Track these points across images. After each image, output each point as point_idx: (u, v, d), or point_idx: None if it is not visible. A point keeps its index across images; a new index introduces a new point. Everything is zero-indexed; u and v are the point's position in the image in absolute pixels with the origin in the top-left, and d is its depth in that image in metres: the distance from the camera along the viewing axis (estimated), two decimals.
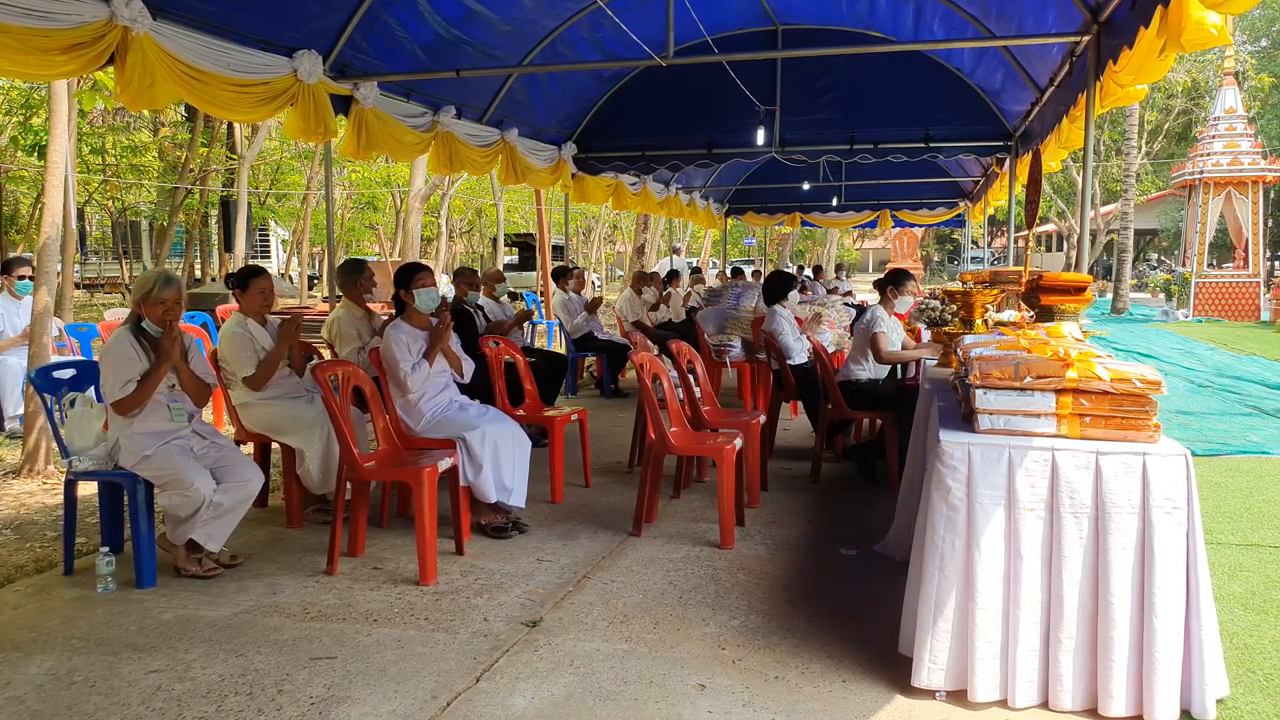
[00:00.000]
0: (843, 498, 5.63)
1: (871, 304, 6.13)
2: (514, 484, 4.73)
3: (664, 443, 4.71)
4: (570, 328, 9.75)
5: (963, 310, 4.76)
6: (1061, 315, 4.46)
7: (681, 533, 4.82)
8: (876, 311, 6.03)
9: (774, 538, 4.76)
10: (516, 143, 8.75)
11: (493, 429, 4.70)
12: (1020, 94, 7.77)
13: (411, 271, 4.97)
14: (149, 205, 23.30)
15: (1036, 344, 3.49)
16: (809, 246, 45.61)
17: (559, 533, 4.83)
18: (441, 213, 19.96)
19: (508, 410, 5.63)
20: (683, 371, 5.52)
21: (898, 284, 6.14)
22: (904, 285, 6.14)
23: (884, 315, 5.99)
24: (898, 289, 6.13)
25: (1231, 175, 20.16)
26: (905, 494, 4.48)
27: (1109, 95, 4.78)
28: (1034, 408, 3.03)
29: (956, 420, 3.33)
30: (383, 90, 6.70)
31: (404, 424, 4.80)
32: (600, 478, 6.02)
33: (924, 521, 3.11)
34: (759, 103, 9.15)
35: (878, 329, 5.88)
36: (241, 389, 4.90)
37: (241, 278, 5.01)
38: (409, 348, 4.80)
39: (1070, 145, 6.14)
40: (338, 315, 5.88)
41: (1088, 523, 2.90)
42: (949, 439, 3.04)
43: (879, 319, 5.96)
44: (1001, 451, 2.97)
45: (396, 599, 3.88)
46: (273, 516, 5.09)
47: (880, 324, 5.93)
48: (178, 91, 4.73)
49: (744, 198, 16.96)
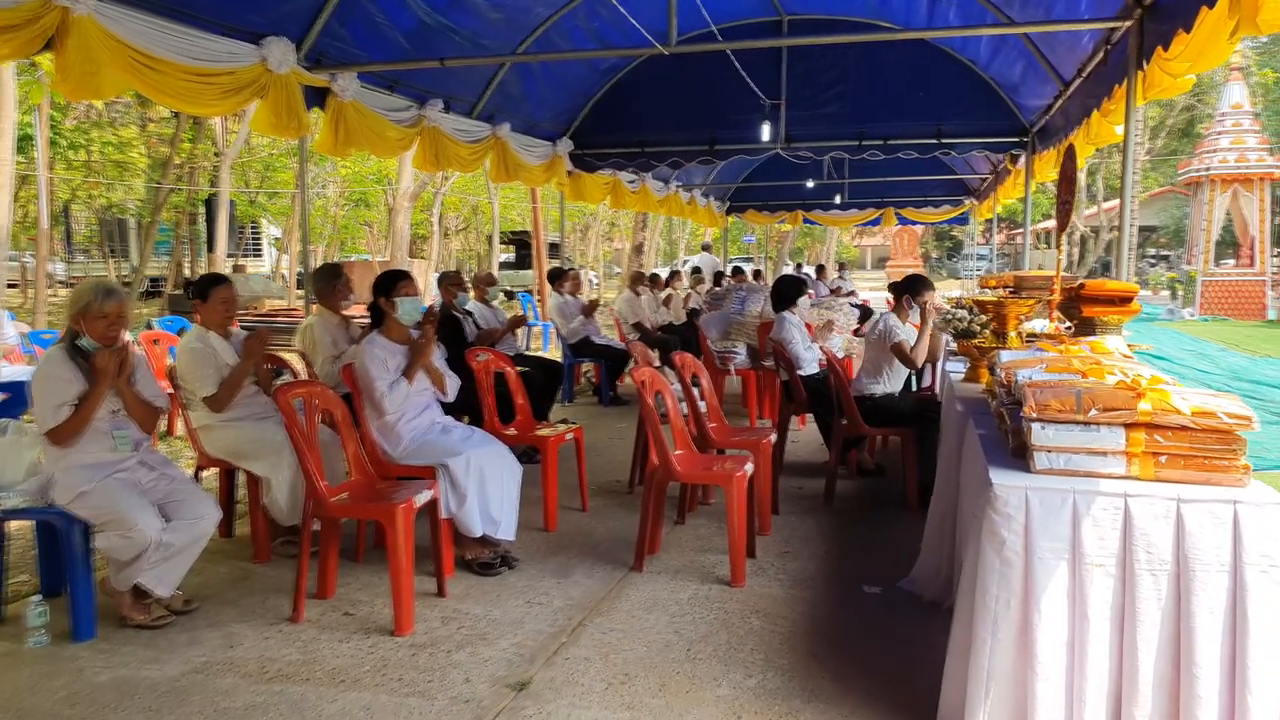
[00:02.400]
0: (860, 521, 5.20)
1: (883, 312, 5.69)
2: (502, 515, 4.30)
3: (668, 469, 4.28)
4: (566, 332, 9.31)
5: (994, 321, 4.33)
6: (1104, 328, 4.05)
7: (688, 566, 4.39)
8: (889, 320, 5.59)
9: (789, 572, 4.33)
10: (508, 138, 8.31)
11: (478, 454, 4.26)
12: (1041, 87, 7.34)
13: (393, 279, 4.53)
14: (136, 203, 22.81)
15: (1090, 365, 3.08)
16: (808, 244, 45.19)
17: (553, 568, 4.39)
18: (434, 210, 19.48)
19: (497, 429, 5.20)
20: (686, 385, 5.08)
21: (915, 292, 5.70)
22: (922, 294, 5.69)
23: (897, 324, 5.56)
24: (915, 297, 5.69)
25: (1238, 172, 19.72)
26: (934, 526, 4.05)
27: (1154, 85, 4.35)
28: (1100, 445, 2.60)
29: (1004, 455, 2.90)
30: (363, 82, 6.26)
31: (380, 449, 4.36)
32: (598, 499, 5.58)
33: (972, 575, 2.68)
34: (764, 96, 8.72)
35: (898, 337, 5.44)
36: (202, 410, 4.47)
37: (201, 286, 4.57)
38: (386, 364, 4.37)
39: (1100, 140, 5.72)
40: (311, 323, 5.46)
41: (1167, 581, 2.47)
42: (1002, 481, 2.60)
43: (895, 328, 5.52)
44: (1065, 497, 2.54)
45: (368, 653, 3.44)
46: (238, 549, 4.66)
47: (898, 333, 5.50)
48: (126, 80, 4.29)
49: (745, 195, 16.54)
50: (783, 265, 27.87)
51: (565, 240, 13.08)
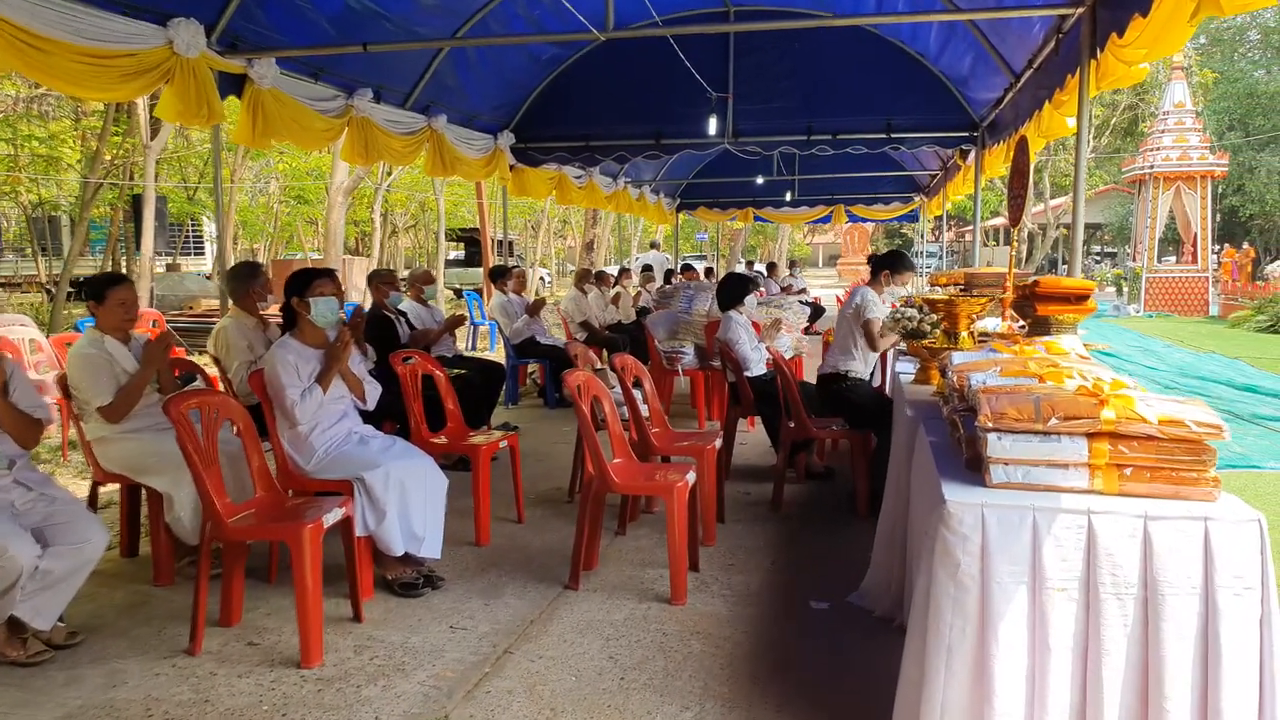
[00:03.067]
0: (808, 529, 4.98)
1: (860, 287, 5.46)
2: (426, 531, 3.99)
3: (605, 480, 4.01)
4: (510, 332, 8.99)
5: (946, 320, 4.13)
6: (1059, 327, 3.87)
7: (626, 583, 4.13)
8: (866, 294, 5.33)
9: (733, 587, 4.09)
10: (445, 130, 7.96)
11: (399, 466, 3.95)
12: (991, 80, 7.19)
13: (307, 277, 4.20)
14: (70, 200, 21.92)
15: (1047, 368, 2.87)
16: (760, 242, 45.19)
17: (481, 587, 4.10)
18: (375, 207, 18.96)
19: (425, 438, 4.89)
20: (627, 390, 4.82)
21: (895, 268, 5.46)
22: (901, 272, 5.46)
23: (875, 299, 5.30)
24: (894, 274, 5.46)
25: (1181, 170, 20.00)
26: (884, 537, 3.83)
27: (1109, 74, 4.18)
28: (1061, 457, 2.38)
29: (958, 466, 2.67)
30: (284, 69, 5.89)
31: (292, 461, 4.03)
32: (536, 509, 5.30)
33: (924, 600, 2.45)
34: (711, 90, 8.49)
35: (870, 314, 5.19)
36: (97, 421, 4.10)
37: (96, 287, 4.20)
38: (298, 370, 4.04)
39: (1052, 133, 5.56)
40: (225, 326, 5.11)
41: (1134, 606, 2.26)
42: (957, 498, 2.37)
43: (870, 302, 5.26)
44: (1024, 515, 2.32)
45: (269, 689, 3.12)
46: (140, 570, 4.29)
47: (873, 308, 5.24)
48: (7, 61, 3.90)
49: (696, 192, 16.33)
50: (734, 263, 27.75)
51: (508, 236, 12.80)
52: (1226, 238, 30.98)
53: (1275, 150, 27.77)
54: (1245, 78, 29.79)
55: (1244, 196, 28.77)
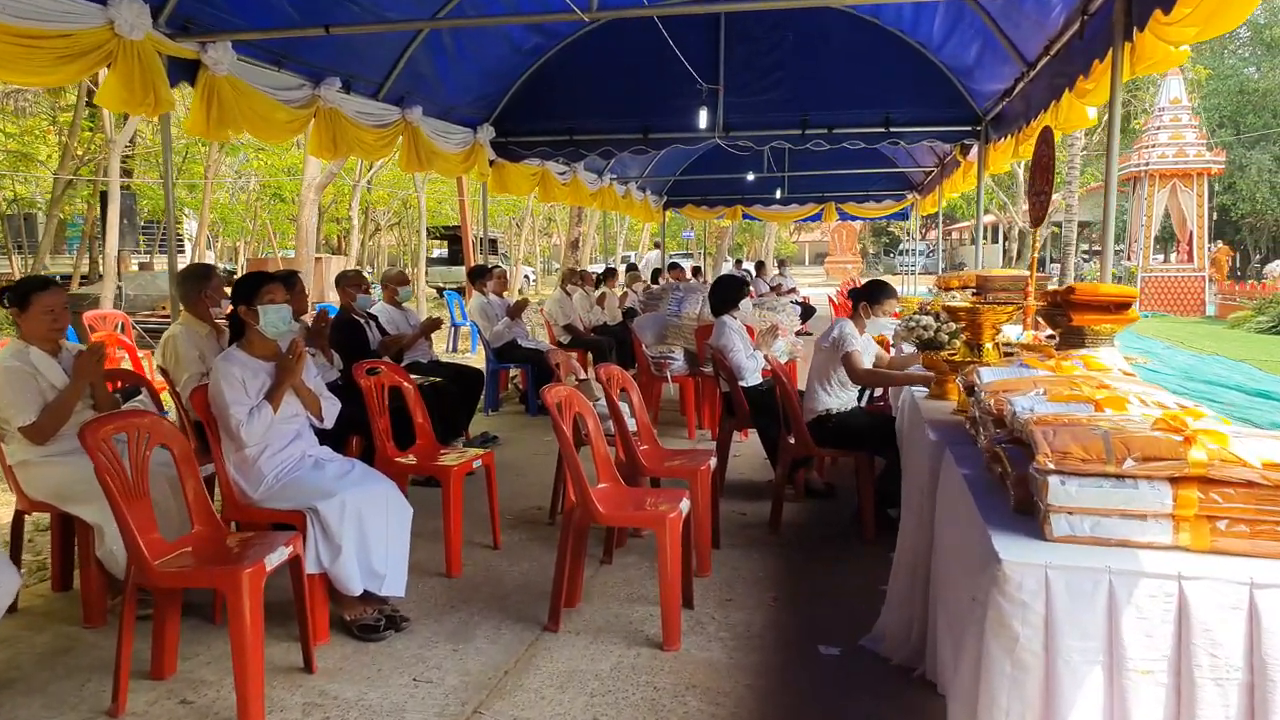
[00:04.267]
0: (811, 555, 4.57)
1: (839, 320, 5.08)
2: (388, 567, 3.56)
3: (588, 510, 3.58)
4: (489, 336, 8.54)
5: (967, 330, 3.72)
6: (1095, 338, 3.48)
7: (612, 623, 3.70)
8: (844, 327, 4.96)
9: (731, 627, 3.67)
10: (420, 123, 7.51)
11: (356, 494, 3.52)
12: (998, 70, 6.79)
13: (256, 282, 3.76)
14: (46, 197, 21.24)
15: (1100, 391, 2.48)
16: (747, 240, 44.76)
17: (451, 628, 3.67)
18: (353, 204, 18.44)
19: (391, 457, 4.46)
20: (613, 404, 4.39)
21: (874, 299, 5.05)
22: (882, 303, 5.06)
23: (853, 332, 4.93)
24: (873, 305, 5.06)
25: (1177, 167, 19.72)
26: (903, 574, 3.42)
27: (1147, 56, 3.78)
28: (1139, 505, 1.97)
29: (1003, 510, 2.26)
30: (243, 55, 5.43)
31: (237, 488, 3.60)
32: (514, 533, 4.87)
33: (972, 680, 2.04)
34: (701, 81, 8.06)
35: (849, 347, 4.81)
36: (19, 442, 3.66)
37: (20, 292, 3.75)
38: (245, 386, 3.60)
39: (1070, 124, 5.17)
40: (174, 333, 4.65)
41: (1238, 693, 1.85)
42: (1013, 556, 1.96)
43: (848, 336, 4.88)
44: (1098, 579, 1.90)
45: None
46: (71, 607, 3.83)
47: (851, 341, 4.86)
48: None
49: (683, 189, 15.89)
50: (722, 261, 27.35)
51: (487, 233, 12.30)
52: (1217, 236, 30.79)
53: (1266, 148, 27.58)
54: (1236, 75, 29.60)
55: (1235, 195, 28.58)
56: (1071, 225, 22.39)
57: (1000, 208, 31.77)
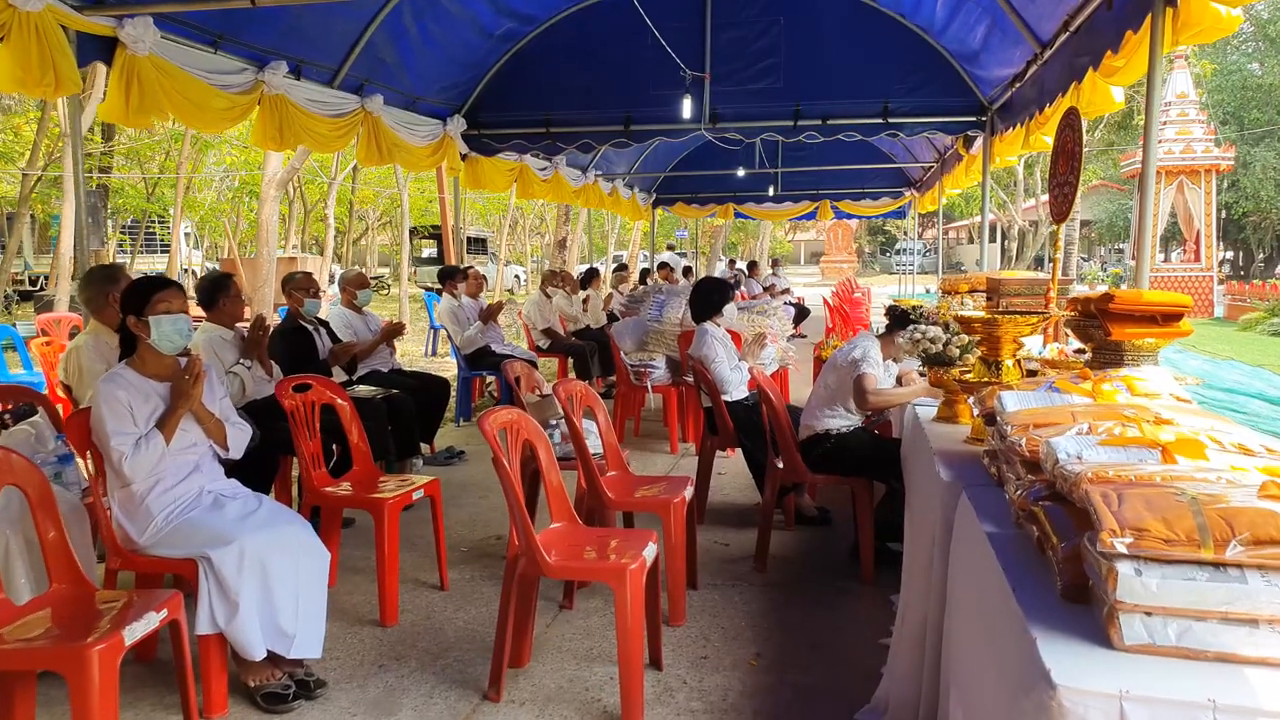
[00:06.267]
0: (801, 601, 4.01)
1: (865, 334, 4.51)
2: (298, 625, 3.00)
3: (534, 562, 3.01)
4: (460, 341, 7.97)
5: (984, 344, 3.17)
6: (1136, 354, 2.92)
7: (565, 689, 3.14)
8: (869, 348, 4.34)
9: (705, 695, 3.11)
10: (382, 113, 6.93)
11: (259, 540, 2.96)
12: (1007, 53, 6.24)
13: (146, 290, 3.19)
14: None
15: (1165, 429, 1.93)
16: (741, 239, 44.18)
17: (374, 695, 3.11)
18: (329, 202, 17.84)
19: (322, 485, 3.89)
20: (574, 429, 3.82)
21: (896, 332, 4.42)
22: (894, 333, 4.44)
23: (878, 356, 4.34)
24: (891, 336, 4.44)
25: (1185, 163, 19.17)
26: (908, 637, 2.87)
27: (1194, 23, 3.22)
28: (1246, 607, 1.42)
29: (1046, 595, 1.70)
30: (170, 33, 4.88)
31: (120, 531, 3.03)
32: (466, 569, 4.31)
33: None
34: (686, 68, 7.50)
35: (865, 369, 4.23)
36: None
37: None
38: (132, 411, 3.04)
39: (1095, 108, 4.60)
40: (79, 345, 4.12)
41: None
42: (1073, 682, 1.40)
43: (870, 359, 4.29)
44: (1197, 717, 1.35)
45: None
46: None
47: (870, 364, 4.27)
48: None
49: (673, 186, 15.33)
50: (715, 260, 26.78)
51: (460, 230, 11.81)
52: (1220, 235, 30.31)
53: (1270, 145, 27.08)
54: (1239, 70, 29.10)
55: (1238, 193, 28.06)
56: (1073, 224, 21.88)
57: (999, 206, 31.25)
